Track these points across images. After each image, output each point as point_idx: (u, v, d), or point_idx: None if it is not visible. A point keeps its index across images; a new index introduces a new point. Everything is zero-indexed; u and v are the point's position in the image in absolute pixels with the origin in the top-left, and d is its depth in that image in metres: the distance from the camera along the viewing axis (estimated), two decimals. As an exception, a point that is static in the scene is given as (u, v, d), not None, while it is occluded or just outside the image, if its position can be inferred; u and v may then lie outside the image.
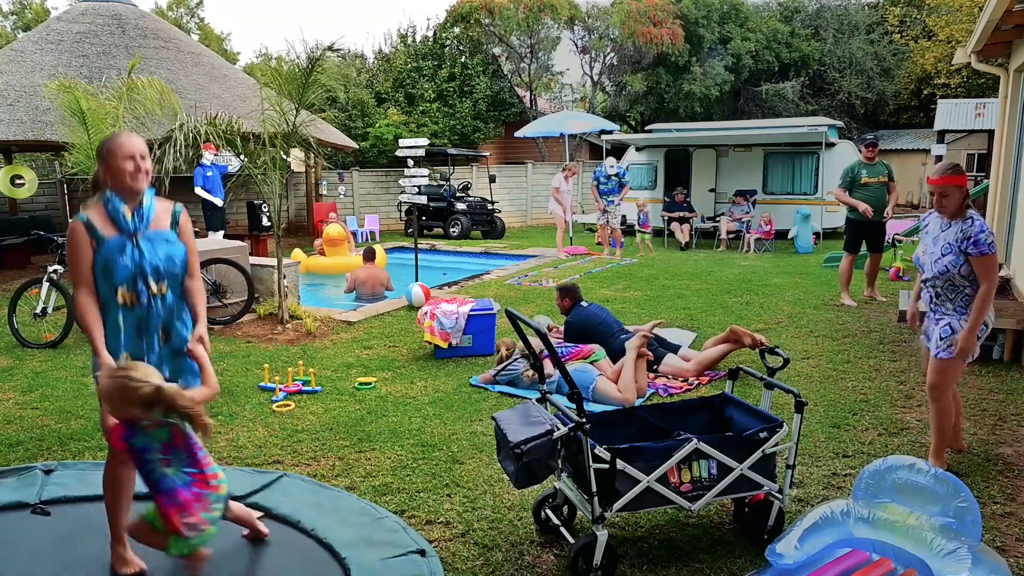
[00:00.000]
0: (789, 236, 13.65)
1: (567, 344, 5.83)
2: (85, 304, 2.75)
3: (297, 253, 11.77)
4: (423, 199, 9.33)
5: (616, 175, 12.57)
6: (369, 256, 9.93)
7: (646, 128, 19.29)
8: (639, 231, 13.34)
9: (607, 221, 12.74)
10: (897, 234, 10.59)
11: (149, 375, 2.56)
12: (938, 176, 3.73)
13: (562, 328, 6.45)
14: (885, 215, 8.09)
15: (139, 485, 2.79)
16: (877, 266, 8.48)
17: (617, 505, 2.92)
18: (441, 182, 17.50)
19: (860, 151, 8.20)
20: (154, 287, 2.80)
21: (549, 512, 3.30)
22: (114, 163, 2.76)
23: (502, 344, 5.84)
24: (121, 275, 2.75)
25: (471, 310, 6.33)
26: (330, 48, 7.18)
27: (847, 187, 8.12)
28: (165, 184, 6.79)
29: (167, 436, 2.63)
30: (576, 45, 23.25)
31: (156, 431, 2.60)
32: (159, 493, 2.62)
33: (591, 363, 5.45)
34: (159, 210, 2.92)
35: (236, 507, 3.10)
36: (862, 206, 7.91)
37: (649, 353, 5.42)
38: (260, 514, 3.41)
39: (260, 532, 3.20)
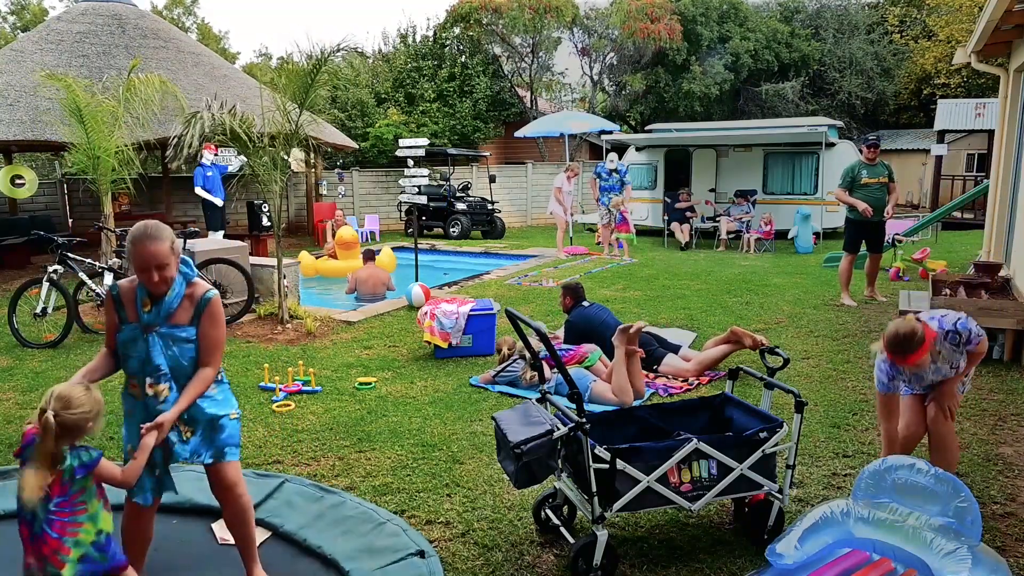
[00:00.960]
0: (789, 236, 13.65)
1: (563, 347, 5.83)
2: (97, 356, 2.81)
3: (304, 256, 11.76)
4: (423, 199, 9.33)
5: (617, 172, 12.56)
6: (369, 256, 9.95)
7: (646, 128, 19.29)
8: (613, 231, 13.34)
9: (608, 221, 12.73)
10: (897, 234, 10.59)
11: (61, 393, 2.40)
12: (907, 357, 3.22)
13: (560, 334, 6.45)
14: (885, 214, 8.09)
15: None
16: (877, 266, 8.48)
17: (617, 505, 2.92)
18: (441, 182, 17.50)
19: (861, 151, 8.20)
20: (149, 388, 2.68)
21: (549, 512, 3.30)
22: (133, 265, 2.65)
23: (504, 343, 5.84)
24: (130, 365, 2.71)
25: (471, 310, 6.33)
26: (340, 48, 7.18)
27: (847, 187, 8.12)
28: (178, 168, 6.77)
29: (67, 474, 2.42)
30: (576, 46, 23.26)
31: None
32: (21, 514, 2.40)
33: (586, 367, 5.44)
34: (184, 302, 2.72)
35: None
36: (862, 205, 7.91)
37: (640, 350, 5.40)
38: (269, 534, 3.39)
39: None
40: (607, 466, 2.89)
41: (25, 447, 2.42)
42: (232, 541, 3.05)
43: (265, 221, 13.35)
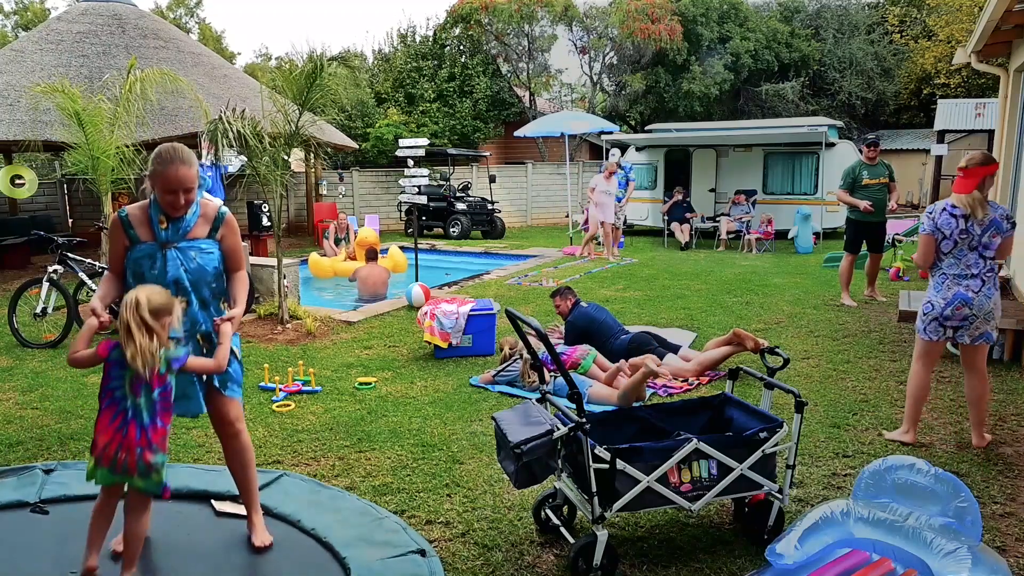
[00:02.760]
0: (789, 236, 13.65)
1: (560, 348, 5.83)
2: (107, 278, 2.87)
3: (314, 257, 11.75)
4: (423, 199, 9.33)
5: (622, 168, 12.53)
6: (372, 256, 9.98)
7: (646, 128, 19.29)
8: (576, 232, 13.34)
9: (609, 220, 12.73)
10: (897, 234, 10.59)
11: (147, 290, 2.61)
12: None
13: (560, 328, 6.46)
14: (890, 207, 8.11)
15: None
16: (877, 266, 8.48)
17: (617, 505, 2.92)
18: (441, 182, 17.49)
19: (861, 151, 8.21)
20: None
21: (549, 512, 3.30)
22: (158, 187, 2.76)
23: (505, 343, 5.84)
24: (147, 282, 2.78)
25: (471, 310, 6.33)
26: (336, 59, 7.20)
27: (848, 188, 8.13)
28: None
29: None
30: (575, 45, 23.25)
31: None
32: (114, 411, 2.58)
33: (580, 373, 5.43)
34: (200, 218, 2.88)
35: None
36: (863, 204, 7.93)
37: (664, 372, 5.40)
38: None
39: (256, 541, 3.15)
40: (607, 466, 2.89)
41: (112, 348, 2.63)
42: (229, 511, 3.18)
43: (265, 221, 13.35)
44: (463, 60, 22.01)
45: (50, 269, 7.23)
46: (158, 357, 2.59)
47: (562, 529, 3.16)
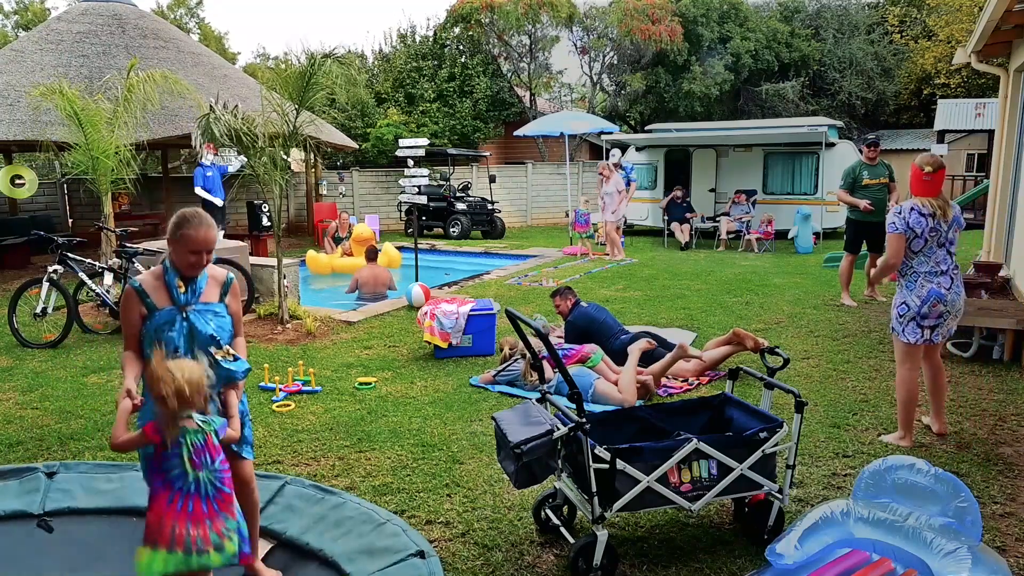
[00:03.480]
0: (789, 236, 13.65)
1: (565, 346, 5.83)
2: (126, 358, 2.86)
3: (315, 256, 11.78)
4: (423, 199, 9.33)
5: (622, 168, 12.53)
6: (371, 256, 9.95)
7: (646, 128, 19.29)
8: (576, 233, 13.37)
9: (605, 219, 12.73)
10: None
11: (183, 368, 2.53)
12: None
13: (561, 328, 6.45)
14: (890, 207, 8.11)
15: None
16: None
17: (617, 505, 2.92)
18: (441, 182, 17.49)
19: (861, 151, 8.21)
20: (218, 355, 2.85)
21: (549, 512, 3.30)
22: (181, 249, 2.83)
23: (505, 343, 5.84)
24: (170, 347, 2.79)
25: (471, 310, 6.33)
26: (330, 56, 7.19)
27: (848, 188, 8.13)
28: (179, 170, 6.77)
29: (201, 440, 2.55)
30: (575, 45, 23.25)
31: (191, 432, 2.53)
32: (171, 491, 2.49)
33: (589, 367, 5.44)
34: (210, 281, 2.97)
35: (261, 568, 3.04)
36: (863, 203, 7.94)
37: (697, 353, 5.49)
38: (273, 544, 3.38)
39: None
40: (607, 466, 2.89)
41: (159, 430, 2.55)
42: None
43: (265, 221, 13.35)
44: (463, 60, 22.00)
45: (50, 269, 7.23)
46: (208, 429, 2.58)
47: (562, 529, 3.16)
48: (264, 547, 3.31)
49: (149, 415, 2.68)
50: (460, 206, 16.42)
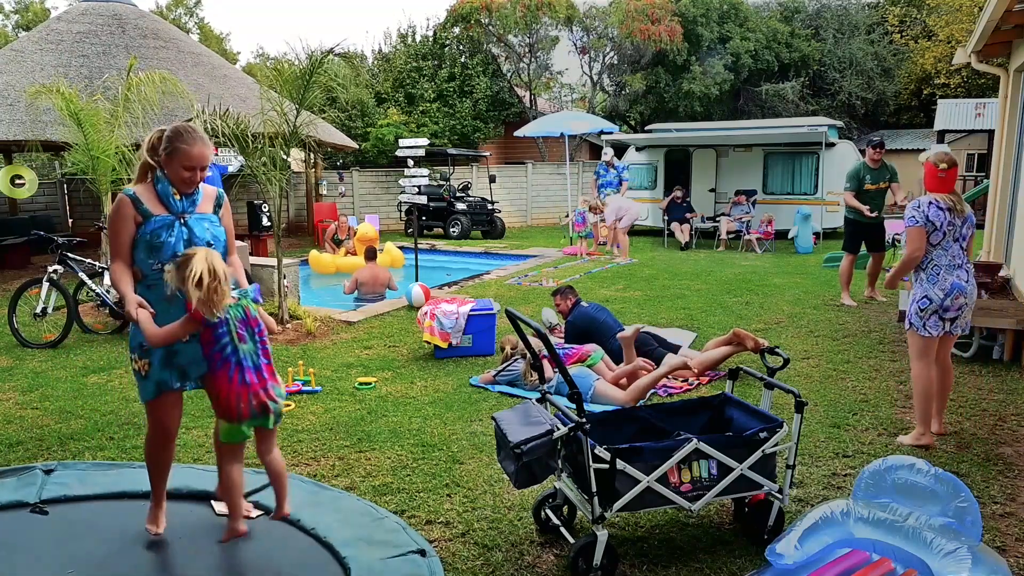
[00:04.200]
0: (789, 236, 13.65)
1: (565, 346, 5.83)
2: (119, 271, 2.89)
3: (314, 254, 11.79)
4: (423, 199, 9.33)
5: (614, 167, 12.54)
6: (371, 256, 9.95)
7: (646, 128, 19.29)
8: (575, 234, 13.39)
9: (604, 220, 12.73)
10: (897, 234, 10.58)
11: (202, 251, 2.76)
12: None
13: (562, 327, 6.45)
14: (893, 202, 8.14)
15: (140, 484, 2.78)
16: (879, 266, 8.46)
17: (617, 505, 2.92)
18: (441, 182, 17.49)
19: (865, 152, 8.18)
20: None
21: (549, 512, 3.30)
22: (175, 163, 2.91)
23: (506, 342, 5.84)
24: (167, 252, 2.88)
25: (471, 310, 6.33)
26: (331, 52, 7.19)
27: (855, 190, 8.09)
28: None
29: (241, 313, 2.86)
30: (575, 46, 23.25)
31: (232, 307, 2.82)
32: (229, 367, 2.79)
33: (588, 366, 5.44)
34: (204, 195, 3.08)
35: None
36: (868, 210, 7.95)
37: (647, 364, 5.45)
38: (260, 512, 3.41)
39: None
40: (607, 466, 2.89)
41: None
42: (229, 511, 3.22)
43: (265, 221, 13.35)
44: (463, 60, 22.00)
45: (50, 269, 7.22)
46: (243, 302, 2.88)
47: (562, 529, 3.16)
48: (255, 514, 3.39)
49: (165, 320, 2.83)
50: (460, 206, 16.42)
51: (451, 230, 16.32)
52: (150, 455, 3.17)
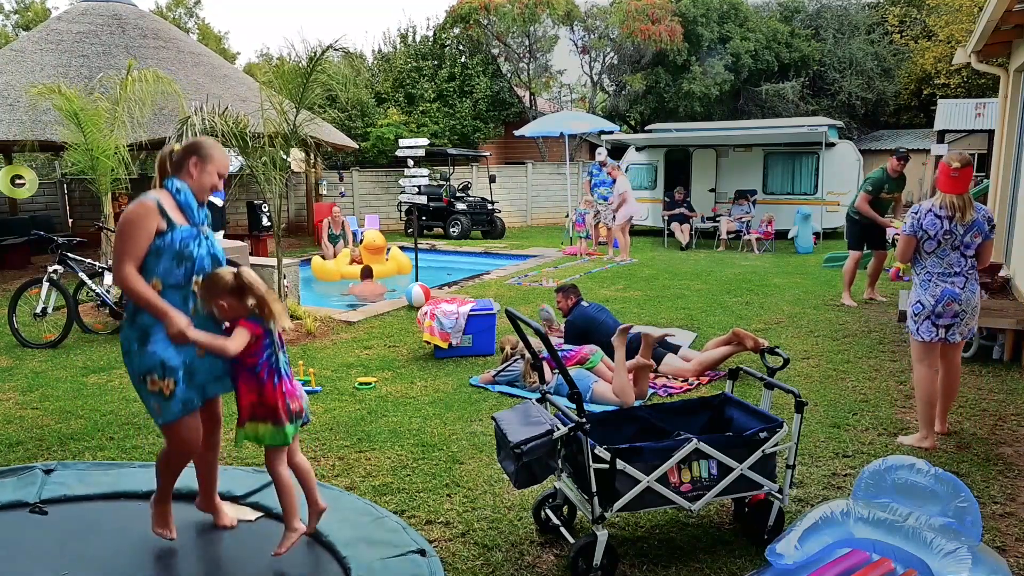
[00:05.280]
0: (789, 236, 13.65)
1: (565, 347, 5.83)
2: (135, 278, 2.76)
3: (317, 261, 11.67)
4: (423, 199, 9.33)
5: (606, 165, 12.52)
6: (367, 274, 9.96)
7: (646, 128, 19.29)
8: (576, 234, 13.38)
9: (602, 220, 12.73)
10: (897, 234, 10.57)
11: (245, 270, 2.90)
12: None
13: (562, 326, 6.45)
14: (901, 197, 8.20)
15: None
16: (881, 264, 8.45)
17: (617, 505, 2.92)
18: (441, 182, 17.48)
19: (889, 162, 8.07)
20: None
21: (549, 512, 3.30)
22: (208, 170, 2.93)
23: (506, 342, 5.83)
24: (199, 264, 2.90)
25: (471, 310, 6.33)
26: (332, 47, 7.18)
27: (874, 195, 8.03)
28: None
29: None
30: (576, 45, 23.24)
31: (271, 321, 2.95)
32: (275, 375, 2.93)
33: (588, 368, 5.44)
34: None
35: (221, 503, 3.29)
36: (880, 220, 7.95)
37: (651, 362, 5.41)
38: (261, 514, 3.41)
39: (226, 522, 3.28)
40: (607, 466, 2.89)
41: (256, 322, 2.95)
42: (247, 517, 3.37)
43: (265, 221, 13.34)
44: (463, 60, 22.00)
45: (50, 269, 7.23)
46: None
47: (562, 529, 3.16)
48: (253, 516, 3.40)
49: (207, 327, 2.90)
50: (460, 206, 16.42)
51: (451, 230, 16.31)
52: (170, 471, 3.09)
